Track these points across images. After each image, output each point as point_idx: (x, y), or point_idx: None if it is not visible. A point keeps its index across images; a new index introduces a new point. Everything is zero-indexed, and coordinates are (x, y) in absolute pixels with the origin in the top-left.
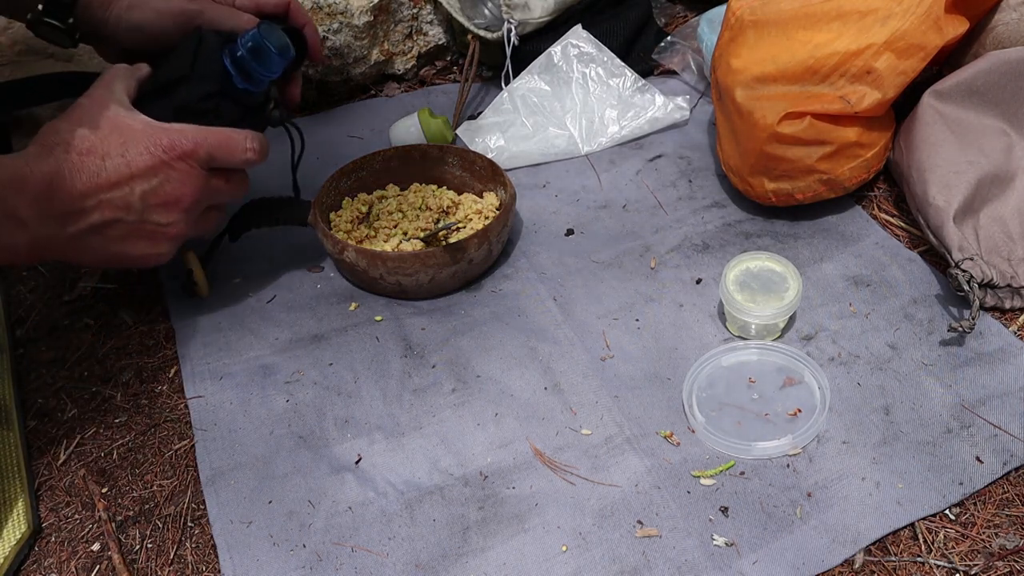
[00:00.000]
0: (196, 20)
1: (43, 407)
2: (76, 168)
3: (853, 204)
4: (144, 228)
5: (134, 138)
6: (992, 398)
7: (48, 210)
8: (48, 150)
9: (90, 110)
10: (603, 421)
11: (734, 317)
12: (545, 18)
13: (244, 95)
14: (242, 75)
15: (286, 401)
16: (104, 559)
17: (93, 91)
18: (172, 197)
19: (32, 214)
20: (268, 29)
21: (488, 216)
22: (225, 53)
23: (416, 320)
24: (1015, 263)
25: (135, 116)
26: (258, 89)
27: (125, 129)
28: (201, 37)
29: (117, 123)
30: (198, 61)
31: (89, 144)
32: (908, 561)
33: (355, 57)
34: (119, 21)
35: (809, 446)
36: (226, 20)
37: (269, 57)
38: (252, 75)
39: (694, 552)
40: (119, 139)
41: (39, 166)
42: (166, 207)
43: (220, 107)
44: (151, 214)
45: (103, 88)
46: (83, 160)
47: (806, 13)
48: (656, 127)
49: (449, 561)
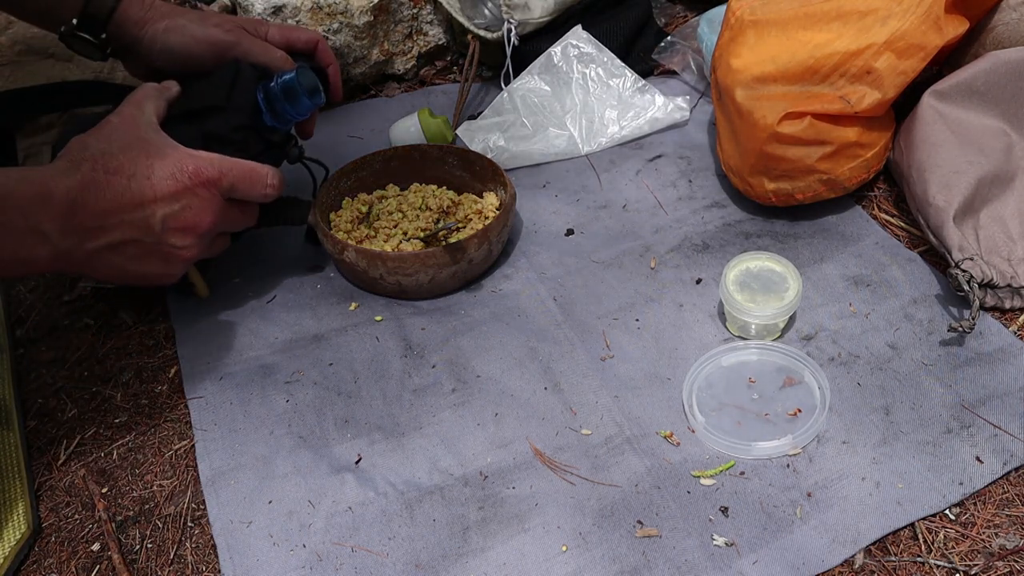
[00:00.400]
0: (231, 51)
1: (43, 407)
2: (102, 186)
3: (853, 204)
4: (160, 249)
5: (161, 161)
6: (992, 398)
7: (70, 225)
8: (75, 165)
9: (120, 128)
10: (603, 421)
11: (734, 317)
12: (545, 18)
13: (269, 131)
14: (271, 113)
15: (286, 401)
16: (104, 559)
17: (123, 109)
18: (191, 223)
19: (55, 228)
20: (303, 73)
21: (488, 216)
22: (259, 89)
23: (416, 320)
24: (1015, 263)
25: (163, 139)
26: (283, 128)
27: (153, 151)
28: (239, 69)
29: (145, 145)
30: (234, 93)
31: (117, 164)
32: (908, 561)
33: (355, 57)
34: (153, 42)
35: (809, 446)
36: (260, 54)
37: (300, 100)
38: (280, 115)
39: (694, 552)
40: (146, 161)
41: (65, 181)
42: (184, 232)
43: (247, 140)
44: (169, 237)
45: (134, 107)
46: (110, 179)
47: (806, 13)
48: (656, 127)
49: (449, 561)
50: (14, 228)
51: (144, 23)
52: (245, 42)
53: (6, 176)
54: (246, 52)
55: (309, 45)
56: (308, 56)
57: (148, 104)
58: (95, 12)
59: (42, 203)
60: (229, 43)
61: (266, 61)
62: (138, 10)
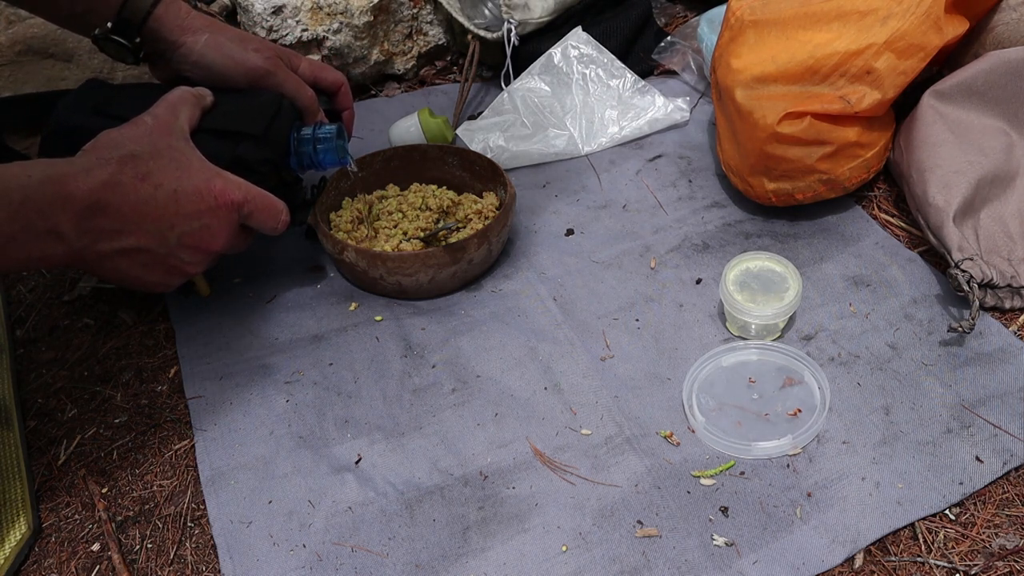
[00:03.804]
0: (266, 80)
1: (43, 407)
2: (128, 190)
3: (853, 204)
4: (168, 262)
5: (190, 175)
6: (992, 398)
7: (88, 226)
8: (103, 164)
9: (154, 132)
10: (603, 421)
11: (734, 317)
12: (545, 18)
13: (287, 171)
14: (297, 157)
15: (286, 401)
16: (104, 559)
17: (158, 111)
18: (205, 242)
19: (72, 229)
20: (342, 132)
21: (488, 216)
22: (293, 129)
23: (416, 320)
24: (1015, 263)
25: (194, 151)
26: (300, 173)
27: (184, 163)
28: (281, 106)
29: (177, 155)
30: (272, 128)
31: (146, 170)
32: (908, 561)
33: (355, 57)
34: (190, 53)
35: (809, 446)
36: (292, 90)
37: (329, 156)
38: (305, 162)
39: (694, 552)
40: (175, 172)
41: (89, 181)
42: (195, 249)
43: (268, 173)
44: (180, 252)
45: (169, 112)
46: (137, 185)
47: (806, 13)
48: (656, 128)
49: (449, 561)
50: (32, 230)
51: (183, 31)
52: (280, 74)
53: (28, 176)
54: (280, 84)
55: (334, 86)
56: (330, 96)
57: (184, 111)
58: (130, 16)
59: (63, 205)
60: (266, 71)
61: (296, 97)
62: (174, 17)
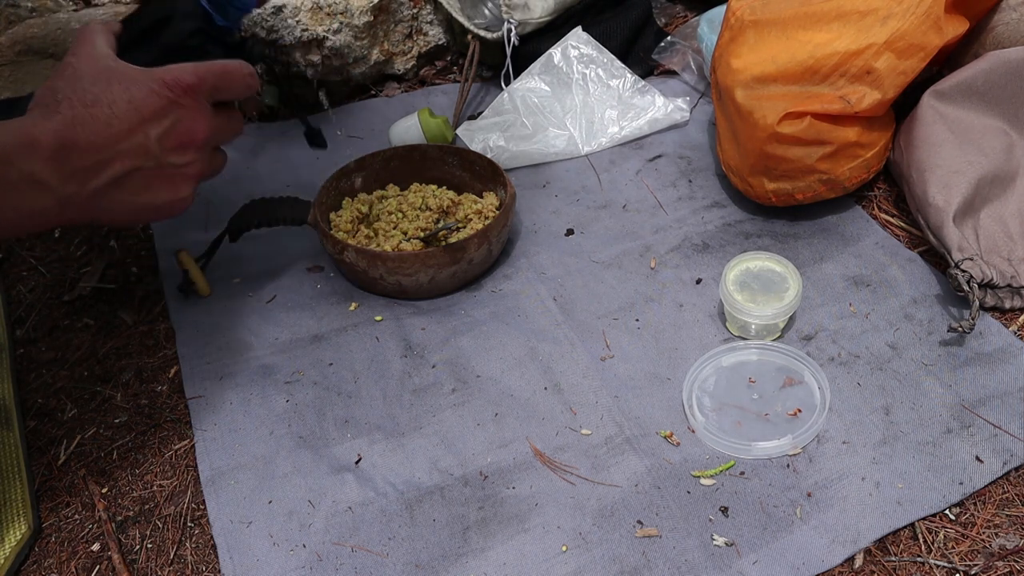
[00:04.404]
0: None
1: (43, 407)
2: (85, 121)
3: (853, 204)
4: (164, 173)
5: (135, 83)
6: (992, 398)
7: (66, 168)
8: (52, 109)
9: (83, 64)
10: (603, 421)
11: (734, 317)
12: (545, 18)
13: (225, 33)
14: (220, 12)
15: (286, 401)
16: (104, 559)
17: (77, 48)
18: (186, 136)
19: (51, 175)
20: None
21: (488, 216)
22: None
23: (416, 320)
24: (1015, 263)
25: (127, 65)
26: (235, 26)
27: (124, 76)
28: None
29: (114, 72)
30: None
31: (93, 96)
32: (908, 561)
33: (355, 57)
34: None
35: (809, 446)
36: None
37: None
38: (227, 11)
39: (694, 552)
40: (121, 86)
41: (47, 125)
42: (182, 147)
43: (205, 45)
44: (168, 157)
45: (86, 44)
46: (91, 112)
47: (806, 13)
48: (656, 128)
49: (449, 561)
50: (8, 181)
51: None
52: None
53: None
54: None
55: None
56: None
57: (99, 38)
58: None
59: (29, 150)
60: None
61: None
62: None
